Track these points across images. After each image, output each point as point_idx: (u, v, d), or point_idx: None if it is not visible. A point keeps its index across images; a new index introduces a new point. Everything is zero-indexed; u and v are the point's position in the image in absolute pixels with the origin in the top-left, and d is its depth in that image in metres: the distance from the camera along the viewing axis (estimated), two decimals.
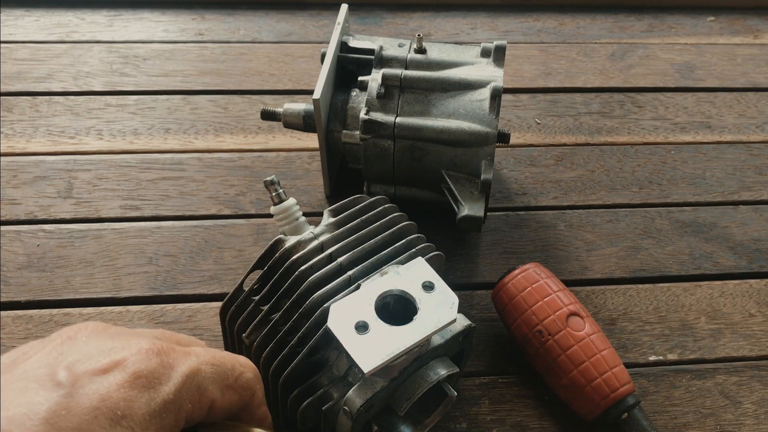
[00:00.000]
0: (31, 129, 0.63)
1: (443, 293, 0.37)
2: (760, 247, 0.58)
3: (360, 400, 0.36)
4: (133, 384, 0.27)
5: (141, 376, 0.27)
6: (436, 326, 0.36)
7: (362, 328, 0.35)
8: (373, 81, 0.51)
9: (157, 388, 0.27)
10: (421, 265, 0.39)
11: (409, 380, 0.38)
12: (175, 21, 0.74)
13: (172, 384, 0.28)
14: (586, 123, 0.67)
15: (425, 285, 0.38)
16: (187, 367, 0.29)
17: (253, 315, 0.41)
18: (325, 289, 0.39)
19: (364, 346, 0.35)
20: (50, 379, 0.26)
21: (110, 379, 0.26)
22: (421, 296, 0.37)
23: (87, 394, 0.25)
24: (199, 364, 0.29)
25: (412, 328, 0.36)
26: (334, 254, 0.41)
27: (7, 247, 0.54)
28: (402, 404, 0.38)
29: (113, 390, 0.26)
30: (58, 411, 0.25)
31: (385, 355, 0.34)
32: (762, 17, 0.81)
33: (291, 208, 0.44)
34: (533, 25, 0.78)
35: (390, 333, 0.35)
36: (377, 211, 0.44)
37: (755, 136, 0.67)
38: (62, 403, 0.25)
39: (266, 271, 0.41)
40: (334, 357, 0.39)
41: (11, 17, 0.73)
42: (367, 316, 0.36)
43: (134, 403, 0.26)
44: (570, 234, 0.58)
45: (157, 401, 0.27)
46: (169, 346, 0.29)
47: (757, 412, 0.48)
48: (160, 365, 0.28)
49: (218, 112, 0.65)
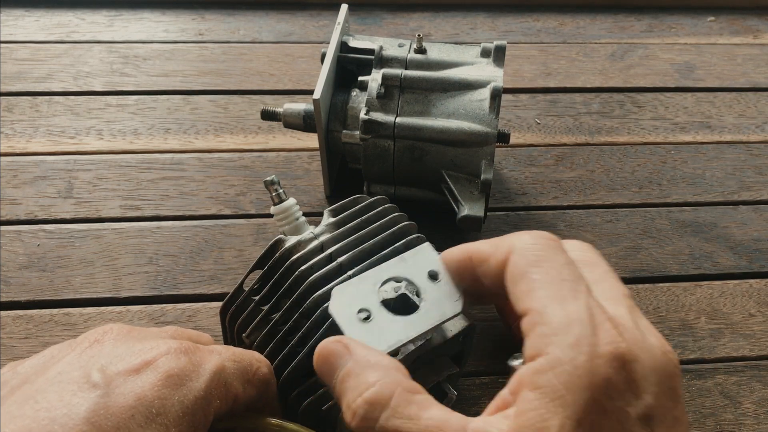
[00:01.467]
0: (31, 129, 0.63)
1: (449, 284, 0.37)
2: (760, 247, 0.58)
3: None
4: (166, 383, 0.28)
5: (173, 374, 0.28)
6: (441, 318, 0.35)
7: (365, 315, 0.35)
8: (373, 81, 0.52)
9: (188, 386, 0.28)
10: (428, 251, 0.38)
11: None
12: (175, 21, 0.74)
13: (202, 381, 0.29)
14: (586, 123, 0.67)
15: (431, 274, 0.37)
16: (214, 365, 0.30)
17: (253, 315, 0.41)
18: (325, 288, 0.39)
19: (365, 336, 0.34)
20: (86, 380, 0.27)
21: (144, 379, 0.28)
22: (426, 285, 0.37)
23: (123, 393, 0.27)
24: (223, 360, 0.31)
25: (416, 319, 0.35)
26: (334, 254, 0.41)
27: (7, 247, 0.54)
28: None
29: (148, 389, 0.27)
30: (98, 410, 0.26)
31: (387, 346, 0.34)
32: (762, 17, 0.81)
33: (291, 208, 0.44)
34: (533, 25, 0.78)
35: (393, 322, 0.35)
36: (377, 211, 0.44)
37: (755, 136, 0.67)
38: (100, 403, 0.26)
39: (266, 271, 0.41)
40: None
41: (11, 17, 0.73)
42: (371, 304, 0.35)
43: (168, 401, 0.27)
44: (570, 234, 0.58)
45: (189, 398, 0.28)
46: (194, 345, 0.31)
47: (757, 412, 0.48)
48: (189, 363, 0.29)
49: (218, 112, 0.65)
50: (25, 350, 0.49)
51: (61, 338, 0.49)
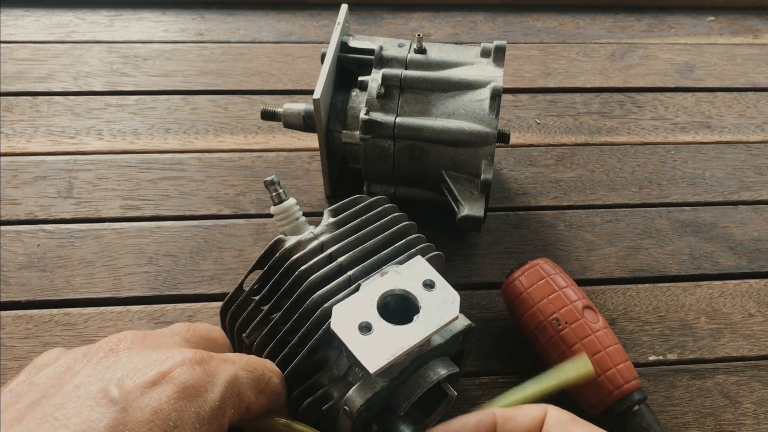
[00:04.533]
0: (31, 129, 0.63)
1: (444, 291, 0.38)
2: (760, 247, 0.58)
3: (360, 400, 0.36)
4: (182, 395, 0.28)
5: (188, 386, 0.28)
6: (439, 324, 0.36)
7: (365, 328, 0.35)
8: (373, 81, 0.52)
9: (204, 396, 0.29)
10: (421, 263, 0.39)
11: (409, 380, 0.38)
12: (175, 21, 0.74)
13: (217, 391, 0.29)
14: (586, 123, 0.67)
15: (426, 283, 0.38)
16: (228, 375, 0.30)
17: (254, 315, 0.41)
18: (325, 289, 0.39)
19: (368, 347, 0.35)
20: (104, 395, 0.27)
21: (160, 392, 0.28)
22: (422, 294, 0.37)
23: (140, 407, 0.27)
24: (237, 370, 0.31)
25: (415, 327, 0.36)
26: (334, 254, 0.41)
27: (7, 247, 0.54)
28: (402, 404, 0.38)
29: (164, 402, 0.27)
30: (116, 426, 0.26)
31: (390, 354, 0.34)
32: (762, 17, 0.81)
33: (291, 208, 0.44)
34: (533, 24, 0.78)
35: (393, 332, 0.35)
36: (377, 211, 0.44)
37: (755, 136, 0.67)
38: (119, 418, 0.26)
39: (266, 271, 0.41)
40: (334, 357, 0.39)
41: (11, 17, 0.73)
42: (370, 317, 0.36)
43: (184, 413, 0.28)
44: (570, 234, 0.58)
45: (205, 409, 0.28)
46: (208, 354, 0.31)
47: (757, 412, 0.48)
48: (204, 374, 0.29)
49: (218, 112, 0.65)
50: (25, 350, 0.49)
51: (61, 338, 0.50)
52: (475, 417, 0.36)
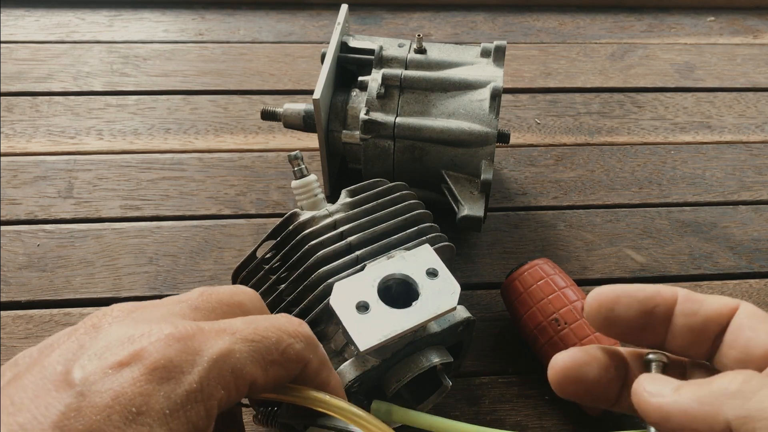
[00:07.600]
0: (31, 129, 0.63)
1: (446, 281, 0.38)
2: (760, 247, 0.58)
3: (350, 375, 0.37)
4: (150, 377, 0.24)
5: (158, 367, 0.25)
6: (435, 312, 0.36)
7: (363, 308, 0.36)
8: (373, 81, 0.52)
9: (179, 379, 0.25)
10: (427, 251, 0.39)
11: (401, 363, 0.39)
12: (175, 21, 0.74)
13: (196, 372, 0.25)
14: (586, 123, 0.67)
15: (429, 272, 0.38)
16: (216, 350, 0.26)
17: (262, 282, 0.42)
18: (332, 265, 0.40)
19: (362, 326, 0.35)
20: (64, 378, 0.24)
21: (126, 374, 0.24)
22: (424, 282, 0.38)
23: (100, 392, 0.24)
24: (233, 343, 0.27)
25: (411, 312, 0.36)
26: (345, 233, 0.42)
27: (7, 247, 0.54)
28: (392, 385, 0.39)
29: (128, 386, 0.24)
30: (68, 413, 0.23)
31: (382, 335, 0.35)
32: (762, 17, 0.81)
33: (311, 184, 0.45)
34: (533, 24, 0.78)
35: (389, 315, 0.36)
36: (394, 197, 0.44)
37: (755, 136, 0.67)
38: (73, 404, 0.23)
39: (279, 242, 0.42)
40: (333, 332, 0.40)
41: (11, 17, 0.73)
42: (369, 297, 0.36)
43: (152, 397, 0.24)
44: (570, 234, 0.58)
45: (178, 393, 0.25)
46: (196, 327, 0.27)
47: None
48: (181, 352, 0.25)
49: (218, 112, 0.65)
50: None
51: None
52: (653, 287, 0.31)
